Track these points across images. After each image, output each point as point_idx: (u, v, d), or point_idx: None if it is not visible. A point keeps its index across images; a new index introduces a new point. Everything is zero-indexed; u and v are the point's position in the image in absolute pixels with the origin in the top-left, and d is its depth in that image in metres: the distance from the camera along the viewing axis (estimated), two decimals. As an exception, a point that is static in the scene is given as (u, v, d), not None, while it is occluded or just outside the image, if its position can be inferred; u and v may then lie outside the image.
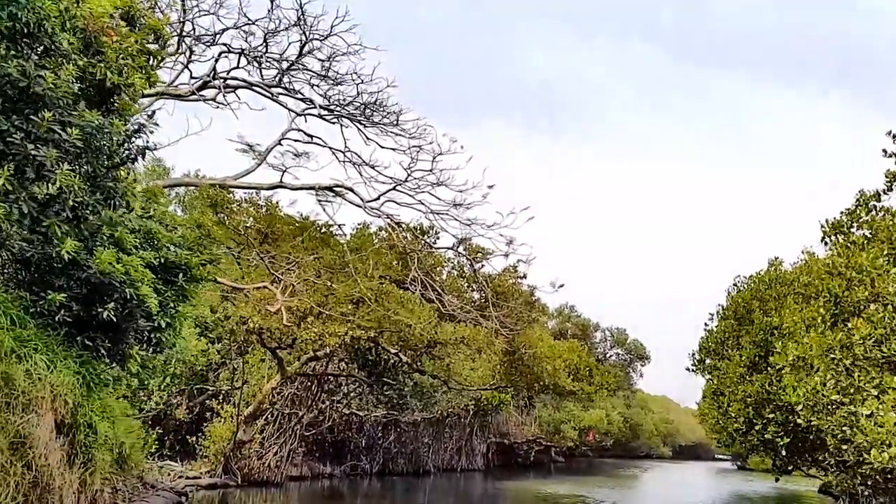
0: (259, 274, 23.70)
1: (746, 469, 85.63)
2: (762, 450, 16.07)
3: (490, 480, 42.08)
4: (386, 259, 23.72)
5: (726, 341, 18.82)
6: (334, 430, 34.71)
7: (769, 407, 13.80)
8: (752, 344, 15.39)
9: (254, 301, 21.62)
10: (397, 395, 29.30)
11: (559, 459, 64.86)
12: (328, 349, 26.69)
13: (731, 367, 15.60)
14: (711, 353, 20.02)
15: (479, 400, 37.86)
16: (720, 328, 19.79)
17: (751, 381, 14.30)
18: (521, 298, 25.83)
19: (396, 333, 23.20)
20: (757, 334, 15.22)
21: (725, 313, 20.04)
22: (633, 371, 79.33)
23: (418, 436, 38.53)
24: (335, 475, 33.88)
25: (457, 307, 22.89)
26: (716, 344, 19.67)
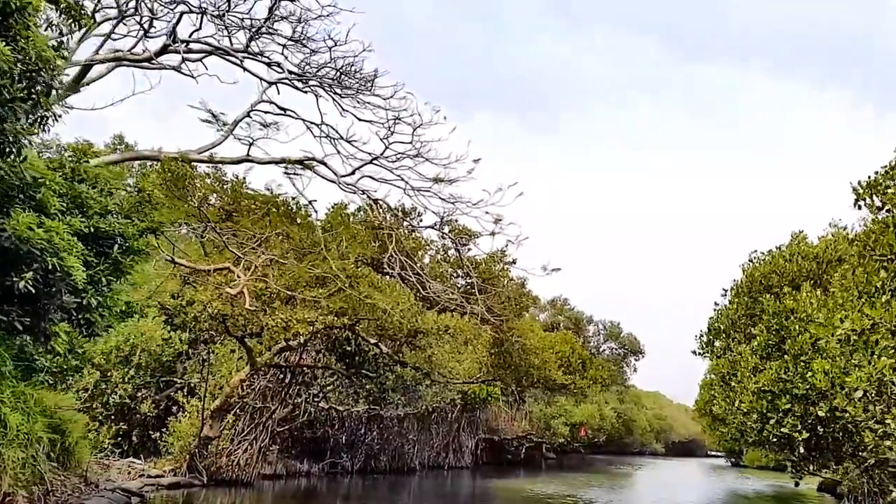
0: (224, 257, 21.72)
1: (741, 466, 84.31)
2: (777, 446, 14.18)
3: (478, 478, 40.18)
4: (362, 239, 21.75)
5: (738, 321, 16.84)
6: (313, 425, 32.78)
7: (785, 398, 11.90)
8: (766, 328, 13.46)
9: (215, 284, 19.63)
10: (378, 388, 27.34)
11: (551, 456, 63.15)
12: (302, 338, 24.75)
13: (744, 355, 13.67)
14: (721, 335, 17.97)
15: (466, 394, 35.93)
16: (733, 306, 17.75)
17: (765, 368, 12.40)
18: (509, 285, 23.90)
19: (374, 321, 21.26)
20: (772, 318, 13.30)
21: (739, 290, 17.99)
22: (626, 366, 77.47)
23: (402, 432, 36.59)
24: (313, 473, 31.94)
25: (439, 292, 20.97)
26: (727, 324, 17.61)
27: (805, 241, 17.48)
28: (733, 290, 18.44)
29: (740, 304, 17.06)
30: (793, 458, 14.34)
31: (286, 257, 18.90)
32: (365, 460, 34.76)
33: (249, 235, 19.85)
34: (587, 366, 32.53)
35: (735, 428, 16.19)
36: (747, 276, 17.70)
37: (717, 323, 18.11)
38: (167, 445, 25.52)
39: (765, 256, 18.03)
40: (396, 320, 20.66)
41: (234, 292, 18.16)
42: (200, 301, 19.67)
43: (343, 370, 26.33)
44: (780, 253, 17.39)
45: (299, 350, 24.98)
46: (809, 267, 15.32)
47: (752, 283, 17.07)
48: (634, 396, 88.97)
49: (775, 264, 16.62)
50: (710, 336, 18.29)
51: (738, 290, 17.85)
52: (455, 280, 23.94)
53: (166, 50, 21.32)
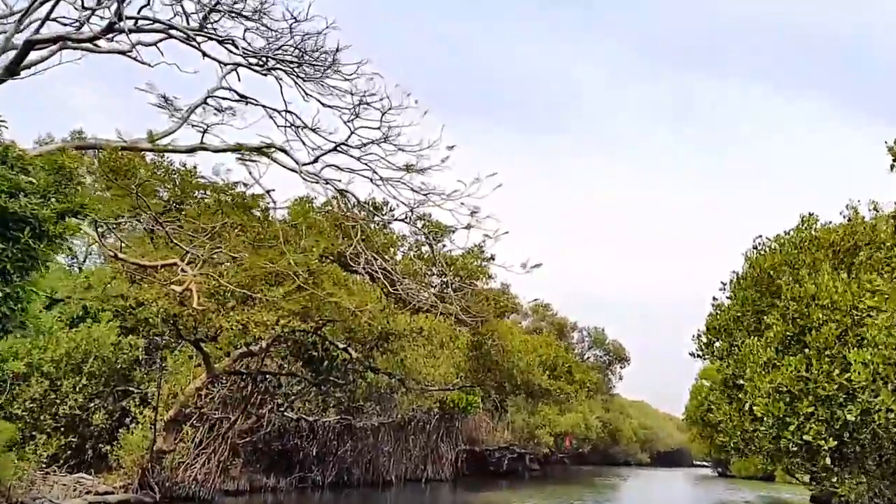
0: (175, 252, 19.79)
1: (728, 476, 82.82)
2: (796, 457, 12.38)
3: (458, 492, 38.26)
4: (328, 234, 19.90)
5: (744, 317, 14.92)
6: (282, 437, 30.85)
7: (807, 399, 10.15)
8: (782, 319, 11.63)
9: (161, 282, 17.74)
10: (348, 397, 25.44)
11: (534, 467, 61.28)
12: (264, 343, 22.88)
13: (754, 350, 11.82)
14: (723, 334, 15.93)
15: (444, 402, 34.05)
16: (737, 301, 15.70)
17: (782, 366, 10.63)
18: (490, 293, 22.12)
19: (341, 324, 19.41)
20: (789, 307, 11.50)
21: (743, 283, 16.01)
22: (611, 373, 75.64)
23: (377, 443, 34.62)
24: (280, 488, 29.95)
25: (412, 290, 19.16)
26: (729, 321, 15.60)
27: (816, 226, 15.62)
28: (734, 283, 16.49)
29: (746, 297, 15.11)
30: (813, 470, 12.63)
31: (240, 251, 17.03)
32: (337, 474, 32.79)
33: (199, 228, 17.94)
34: (574, 370, 30.70)
35: (739, 436, 14.39)
36: (752, 265, 15.76)
37: (718, 321, 16.07)
38: (119, 459, 23.62)
39: (770, 243, 16.08)
40: (365, 322, 18.82)
41: (179, 290, 16.25)
42: (146, 301, 17.74)
43: (310, 377, 24.42)
44: (790, 239, 15.52)
45: (261, 356, 23.05)
46: (825, 255, 13.59)
47: (758, 273, 15.18)
48: (619, 405, 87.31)
49: (786, 253, 14.75)
50: (710, 336, 16.28)
51: (741, 283, 15.90)
52: (430, 279, 22.10)
53: (112, 29, 19.40)
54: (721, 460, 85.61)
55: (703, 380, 36.33)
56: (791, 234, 15.50)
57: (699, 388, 36.04)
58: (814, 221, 15.48)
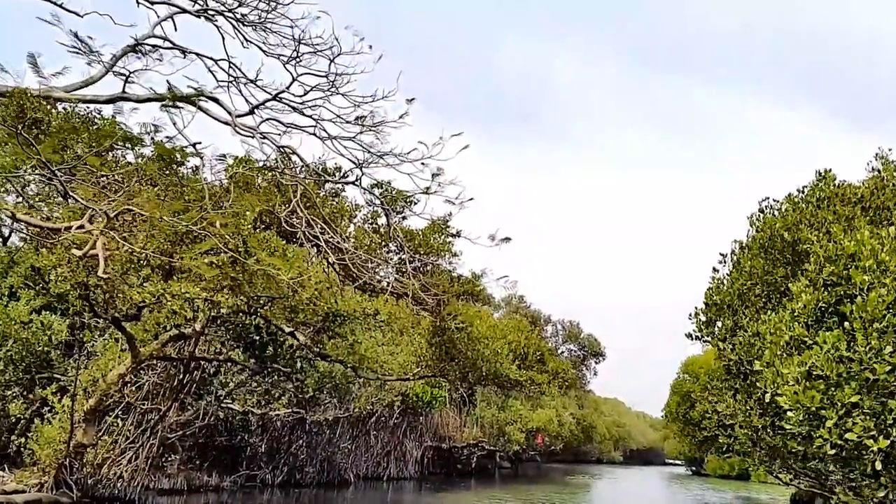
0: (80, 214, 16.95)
1: (703, 474, 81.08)
2: (835, 460, 9.90)
3: (422, 491, 35.70)
4: (267, 199, 17.22)
5: (751, 292, 12.19)
6: (229, 432, 28.15)
7: (849, 386, 7.70)
8: (812, 287, 9.02)
9: (64, 245, 14.99)
10: (297, 387, 22.80)
11: (505, 465, 58.99)
12: (198, 325, 20.18)
13: (774, 327, 9.25)
14: (726, 312, 13.08)
15: (406, 396, 31.47)
16: (742, 273, 12.87)
17: (814, 344, 8.13)
18: (452, 262, 19.58)
19: (280, 302, 16.76)
20: (823, 270, 8.89)
21: (749, 251, 13.22)
22: (586, 368, 73.30)
23: (334, 439, 31.95)
24: (224, 487, 27.23)
25: (362, 263, 16.58)
26: (733, 297, 12.78)
27: (834, 182, 13.04)
28: (737, 253, 13.75)
29: (754, 268, 12.44)
30: (851, 478, 10.28)
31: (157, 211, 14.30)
32: (289, 472, 30.09)
33: (112, 184, 15.20)
34: (546, 358, 28.32)
35: (747, 435, 11.87)
36: (761, 230, 13.08)
37: (719, 297, 13.27)
38: (33, 454, 20.88)
39: (781, 204, 13.36)
40: (306, 299, 16.20)
41: (79, 254, 13.49)
42: (44, 268, 15.00)
43: (254, 365, 21.74)
44: (806, 197, 12.91)
45: (195, 339, 20.33)
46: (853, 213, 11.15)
47: (770, 238, 12.53)
48: (593, 402, 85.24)
49: (806, 212, 12.15)
50: (710, 314, 13.45)
51: (746, 252, 13.17)
52: (387, 255, 19.53)
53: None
54: (695, 458, 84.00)
55: (686, 374, 34.14)
56: (807, 191, 12.97)
57: (681, 383, 33.85)
58: (832, 178, 12.95)
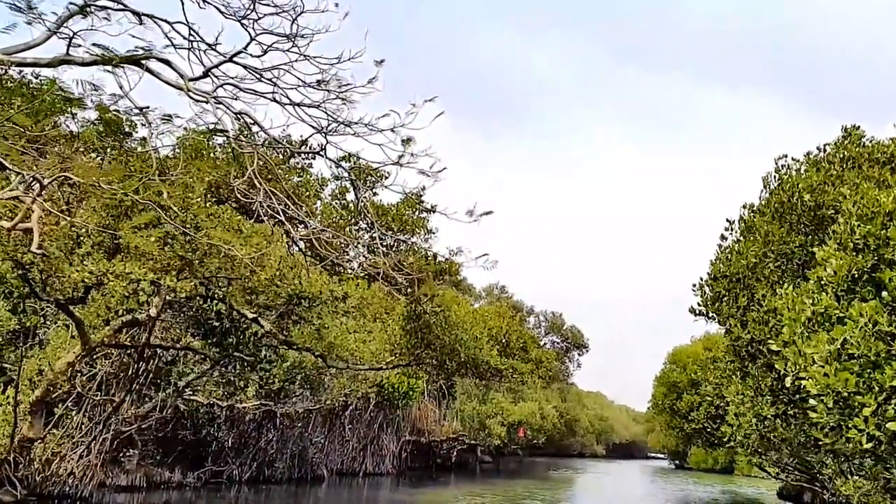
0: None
1: (686, 468, 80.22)
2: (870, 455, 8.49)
3: (399, 487, 34.32)
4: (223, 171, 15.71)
5: (765, 262, 10.61)
6: (195, 426, 26.62)
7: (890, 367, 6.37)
8: (842, 250, 7.57)
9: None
10: (263, 377, 21.32)
11: (486, 459, 57.64)
12: (153, 310, 18.63)
13: (795, 300, 7.81)
14: (737, 286, 11.44)
15: (382, 387, 30.02)
16: (754, 241, 11.18)
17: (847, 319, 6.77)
18: (428, 240, 18.15)
19: (239, 283, 15.28)
20: (855, 231, 7.49)
21: (762, 216, 11.55)
22: (569, 360, 71.95)
23: (306, 433, 30.47)
24: (187, 484, 25.71)
25: (327, 240, 15.11)
26: (744, 268, 11.12)
27: (861, 141, 11.59)
28: (748, 219, 12.15)
29: (769, 234, 10.93)
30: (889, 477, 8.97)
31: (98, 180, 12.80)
32: (258, 467, 28.59)
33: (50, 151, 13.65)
34: (529, 346, 26.90)
35: (756, 427, 10.48)
36: (777, 192, 11.55)
37: (727, 268, 11.61)
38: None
39: (800, 164, 11.76)
40: (266, 279, 14.73)
41: (8, 226, 12.02)
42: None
43: (215, 354, 20.23)
44: (830, 155, 11.42)
45: (150, 325, 18.79)
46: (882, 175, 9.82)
47: (788, 200, 11.09)
48: (576, 395, 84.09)
49: (831, 172, 10.70)
50: (718, 287, 11.79)
51: (758, 218, 11.60)
52: (358, 234, 18.05)
53: None
54: (678, 452, 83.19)
55: (673, 364, 32.91)
56: (829, 150, 11.56)
57: (668, 373, 32.61)
58: (859, 136, 11.56)
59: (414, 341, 19.31)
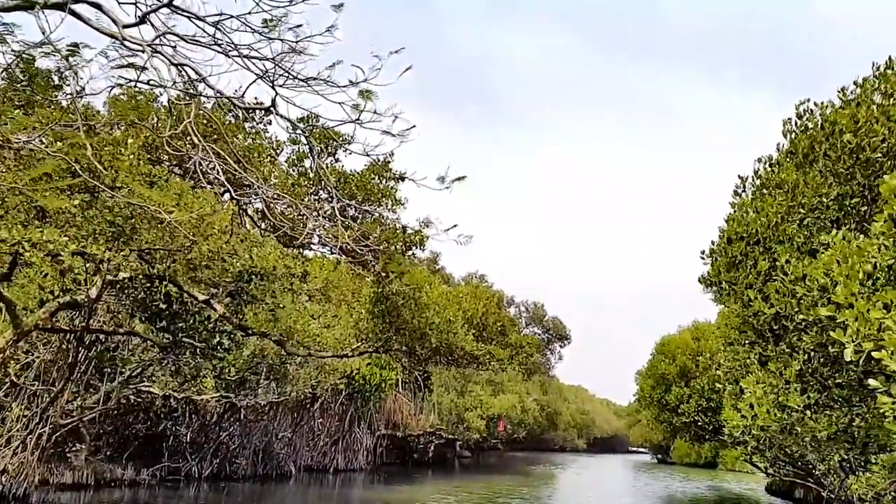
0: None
1: (669, 462, 79.09)
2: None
3: (372, 484, 32.62)
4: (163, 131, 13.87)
5: (789, 221, 8.70)
6: (150, 418, 24.81)
7: None
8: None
9: None
10: (217, 367, 19.51)
11: (465, 454, 56.04)
12: (93, 291, 16.77)
13: (849, 254, 6.11)
14: (756, 248, 9.41)
15: (351, 378, 28.25)
16: (778, 198, 9.26)
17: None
18: (396, 211, 16.39)
19: (181, 256, 13.49)
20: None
21: (783, 168, 9.59)
22: (550, 352, 70.30)
23: (272, 427, 28.68)
24: (141, 481, 23.89)
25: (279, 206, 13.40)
26: (765, 228, 9.18)
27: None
28: (765, 175, 10.22)
29: (797, 185, 9.03)
30: None
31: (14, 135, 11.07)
32: (219, 464, 26.80)
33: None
34: (508, 329, 25.17)
35: (777, 420, 8.76)
36: (802, 140, 9.66)
37: (742, 229, 9.61)
38: None
39: (824, 108, 9.89)
40: (210, 251, 12.95)
41: None
42: None
43: (163, 340, 18.39)
44: (867, 90, 9.61)
45: (89, 307, 16.94)
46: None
47: (823, 142, 9.25)
48: (557, 389, 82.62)
49: (869, 109, 8.88)
50: (733, 251, 9.69)
51: (779, 169, 9.74)
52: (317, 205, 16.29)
53: None
54: (661, 446, 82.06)
55: (661, 355, 31.38)
56: (869, 83, 9.78)
57: (655, 363, 31.08)
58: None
59: (381, 326, 17.59)
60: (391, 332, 17.43)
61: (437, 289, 18.40)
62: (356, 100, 12.40)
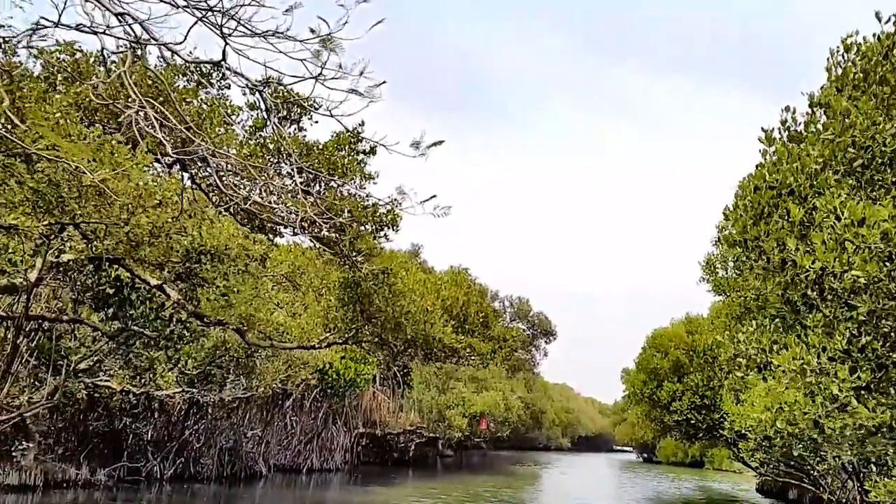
0: None
1: (655, 462, 78.02)
2: None
3: (347, 485, 31.08)
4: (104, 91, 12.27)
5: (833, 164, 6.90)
6: (109, 415, 23.18)
7: None
8: None
9: None
10: (172, 359, 17.91)
11: (447, 453, 54.56)
12: (33, 274, 15.16)
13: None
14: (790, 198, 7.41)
15: (324, 373, 26.67)
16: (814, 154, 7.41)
17: None
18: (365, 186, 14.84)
19: (118, 229, 11.88)
20: None
21: (827, 111, 7.88)
22: (535, 349, 68.80)
23: (241, 424, 27.07)
24: (97, 482, 22.24)
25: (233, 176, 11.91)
26: (801, 175, 7.26)
27: None
28: (808, 115, 8.33)
29: (850, 113, 7.13)
30: None
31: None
32: (184, 464, 25.17)
33: None
34: (491, 321, 23.64)
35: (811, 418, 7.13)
36: (856, 70, 7.85)
37: (773, 178, 7.72)
38: None
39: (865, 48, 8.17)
40: (149, 223, 11.38)
41: None
42: None
43: (114, 329, 16.79)
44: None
45: (29, 291, 15.32)
46: None
47: (866, 76, 7.64)
48: (542, 386, 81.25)
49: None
50: (761, 199, 7.73)
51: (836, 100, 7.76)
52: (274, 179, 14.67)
53: None
54: (647, 445, 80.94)
55: (653, 349, 29.96)
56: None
57: (647, 358, 29.64)
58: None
59: (351, 315, 16.03)
60: (362, 321, 15.89)
61: (413, 275, 16.90)
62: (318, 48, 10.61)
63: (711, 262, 19.40)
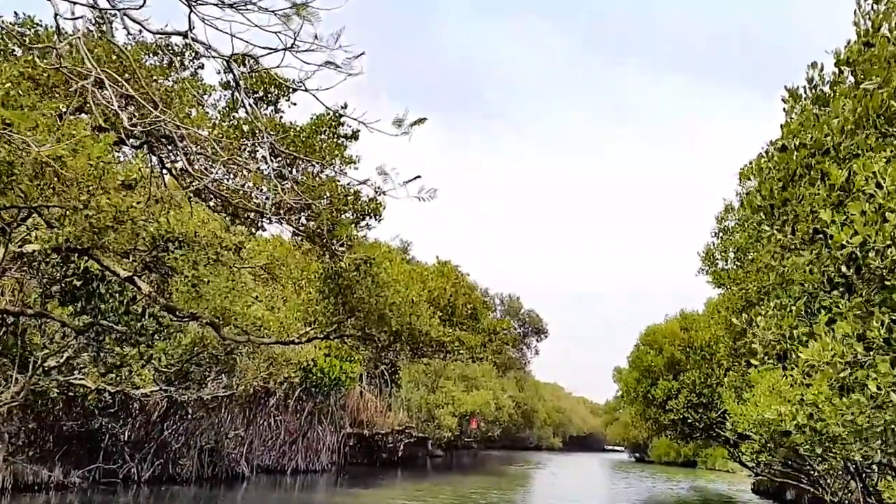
0: None
1: (647, 461, 77.36)
2: None
3: (334, 486, 30.29)
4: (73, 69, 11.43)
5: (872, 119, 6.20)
6: (84, 415, 22.29)
7: None
8: None
9: None
10: (144, 354, 17.04)
11: (437, 454, 53.74)
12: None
13: None
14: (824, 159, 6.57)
15: (308, 371, 25.84)
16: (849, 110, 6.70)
17: None
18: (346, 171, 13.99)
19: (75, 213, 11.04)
20: None
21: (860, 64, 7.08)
22: (526, 347, 67.97)
23: (223, 425, 26.20)
24: (70, 484, 21.42)
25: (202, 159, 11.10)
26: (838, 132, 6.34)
27: None
28: (816, 82, 7.50)
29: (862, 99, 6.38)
30: None
31: None
32: (163, 465, 24.30)
33: None
34: (479, 313, 22.86)
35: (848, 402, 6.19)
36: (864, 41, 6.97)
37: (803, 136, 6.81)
38: None
39: None
40: (110, 207, 10.56)
41: None
42: None
43: (81, 323, 15.91)
44: None
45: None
46: None
47: None
48: (533, 385, 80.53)
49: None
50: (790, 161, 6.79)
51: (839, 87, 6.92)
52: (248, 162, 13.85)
53: None
54: (638, 445, 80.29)
55: (647, 346, 29.24)
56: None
57: (641, 355, 28.91)
58: None
59: (333, 307, 15.22)
60: (344, 313, 15.09)
61: (398, 266, 16.11)
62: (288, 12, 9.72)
63: (711, 253, 18.78)
